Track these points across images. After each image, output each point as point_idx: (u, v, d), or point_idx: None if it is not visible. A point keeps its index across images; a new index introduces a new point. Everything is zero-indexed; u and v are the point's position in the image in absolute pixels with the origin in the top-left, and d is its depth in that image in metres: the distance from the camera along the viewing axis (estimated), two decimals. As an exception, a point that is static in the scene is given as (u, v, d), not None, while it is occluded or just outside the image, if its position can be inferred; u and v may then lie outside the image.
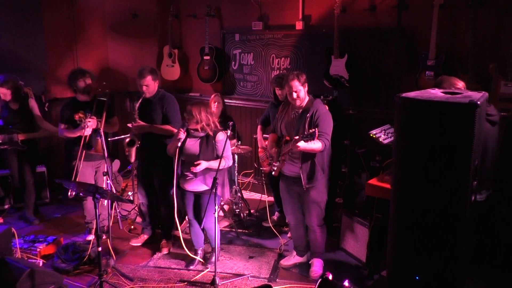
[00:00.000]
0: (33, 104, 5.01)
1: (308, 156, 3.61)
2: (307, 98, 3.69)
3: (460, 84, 3.15)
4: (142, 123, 4.15)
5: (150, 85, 4.16)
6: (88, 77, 4.34)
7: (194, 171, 3.69)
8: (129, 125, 4.22)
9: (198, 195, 3.92)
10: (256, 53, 5.96)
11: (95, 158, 4.42)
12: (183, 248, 3.98)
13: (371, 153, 4.44)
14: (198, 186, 3.87)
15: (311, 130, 3.25)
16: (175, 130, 4.24)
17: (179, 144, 3.75)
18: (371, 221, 3.82)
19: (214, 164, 3.72)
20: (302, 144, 3.36)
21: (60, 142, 4.60)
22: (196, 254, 4.15)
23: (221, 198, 4.05)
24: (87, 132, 4.16)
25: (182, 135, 3.75)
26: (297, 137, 3.36)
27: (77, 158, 4.18)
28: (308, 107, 3.64)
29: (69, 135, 4.29)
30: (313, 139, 3.27)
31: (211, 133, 3.78)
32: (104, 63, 6.44)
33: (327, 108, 3.73)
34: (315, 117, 3.56)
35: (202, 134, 3.81)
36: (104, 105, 4.34)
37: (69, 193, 4.09)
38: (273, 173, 3.86)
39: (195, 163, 3.67)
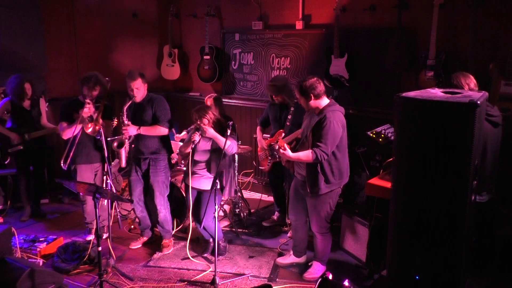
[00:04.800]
0: (43, 103, 5.16)
1: (311, 164, 3.55)
2: (324, 102, 3.59)
3: (472, 83, 3.10)
4: (132, 125, 4.09)
5: (140, 88, 4.11)
6: (96, 89, 4.24)
7: (204, 128, 3.88)
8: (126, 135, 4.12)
9: (200, 192, 4.09)
10: (256, 53, 5.96)
11: (93, 160, 4.41)
12: (184, 247, 3.98)
13: (371, 153, 4.44)
14: (202, 184, 4.05)
15: (276, 146, 3.35)
16: (166, 129, 4.24)
17: (193, 146, 3.94)
18: (371, 221, 3.82)
19: (221, 138, 3.87)
20: (283, 152, 3.38)
21: (61, 142, 4.60)
22: (209, 244, 4.32)
23: (222, 198, 4.26)
24: (86, 114, 4.10)
25: (197, 138, 3.94)
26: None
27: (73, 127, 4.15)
28: (322, 111, 3.55)
29: (69, 130, 4.20)
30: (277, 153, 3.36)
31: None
32: (104, 63, 6.44)
33: (341, 116, 3.57)
34: (321, 123, 3.46)
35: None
36: (106, 107, 4.33)
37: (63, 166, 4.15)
38: (261, 168, 3.94)
39: (203, 124, 3.88)
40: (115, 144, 4.12)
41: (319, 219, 3.73)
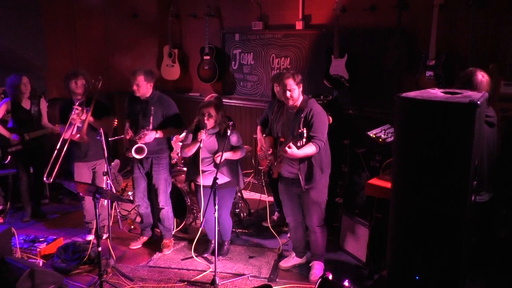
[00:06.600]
0: (44, 103, 5.16)
1: (304, 158, 3.58)
2: (301, 99, 3.67)
3: (484, 78, 3.05)
4: (150, 131, 4.10)
5: (141, 86, 4.13)
6: (80, 78, 4.28)
7: (217, 162, 3.89)
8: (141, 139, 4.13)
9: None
10: (256, 53, 5.96)
11: (90, 158, 4.41)
12: (184, 247, 3.98)
13: (371, 153, 4.44)
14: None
15: (299, 130, 3.25)
16: (181, 131, 4.35)
17: (201, 145, 3.93)
18: (371, 221, 3.83)
19: (231, 155, 4.01)
20: (291, 151, 3.35)
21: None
22: (210, 244, 4.36)
23: (237, 188, 4.45)
24: (74, 121, 4.13)
25: (204, 137, 3.93)
26: (285, 144, 3.39)
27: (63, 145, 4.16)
28: (303, 107, 3.62)
29: (64, 132, 4.22)
30: (302, 139, 3.26)
31: (218, 128, 4.02)
32: (104, 63, 6.44)
33: (321, 107, 3.69)
34: (309, 117, 3.54)
35: (216, 130, 4.03)
36: (101, 105, 4.33)
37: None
38: (272, 175, 3.90)
39: (216, 156, 3.94)
40: (133, 151, 4.10)
41: (319, 210, 3.77)
